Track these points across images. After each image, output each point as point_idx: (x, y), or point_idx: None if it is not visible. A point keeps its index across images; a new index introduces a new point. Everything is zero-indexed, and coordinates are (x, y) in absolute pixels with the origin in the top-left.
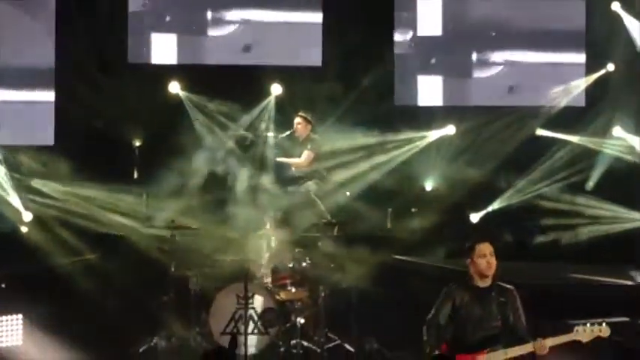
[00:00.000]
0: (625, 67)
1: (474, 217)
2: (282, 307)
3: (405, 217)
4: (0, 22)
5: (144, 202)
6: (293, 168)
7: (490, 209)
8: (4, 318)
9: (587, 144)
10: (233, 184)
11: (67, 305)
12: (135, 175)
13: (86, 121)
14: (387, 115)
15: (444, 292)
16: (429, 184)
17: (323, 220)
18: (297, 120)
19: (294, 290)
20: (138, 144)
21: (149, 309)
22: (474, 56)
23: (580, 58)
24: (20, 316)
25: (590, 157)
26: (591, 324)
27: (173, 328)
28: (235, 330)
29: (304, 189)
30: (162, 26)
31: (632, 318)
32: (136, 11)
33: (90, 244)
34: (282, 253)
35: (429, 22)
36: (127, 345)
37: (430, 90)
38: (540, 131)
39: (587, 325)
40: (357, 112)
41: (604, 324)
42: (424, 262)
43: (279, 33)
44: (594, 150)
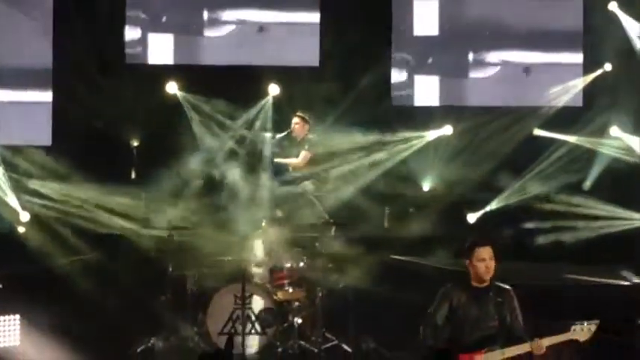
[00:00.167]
0: (622, 67)
1: (471, 218)
2: (279, 308)
3: (403, 217)
4: None
5: (141, 203)
6: (290, 168)
7: (488, 209)
8: (1, 318)
9: (585, 144)
10: (230, 184)
11: (65, 306)
12: (133, 176)
13: (84, 122)
14: (384, 115)
15: (441, 292)
16: (426, 184)
17: (320, 220)
18: (294, 120)
19: (291, 290)
20: (136, 144)
21: (147, 309)
22: (470, 56)
23: (577, 57)
24: (18, 317)
25: (588, 157)
26: (588, 323)
27: (171, 328)
28: (233, 330)
29: (302, 189)
30: (159, 26)
31: (632, 318)
32: (134, 11)
33: (87, 244)
34: (280, 253)
35: (425, 22)
36: (125, 345)
37: (427, 90)
38: (538, 131)
39: (584, 324)
40: (354, 112)
41: (585, 324)
42: (422, 262)
43: (276, 33)
44: (592, 150)
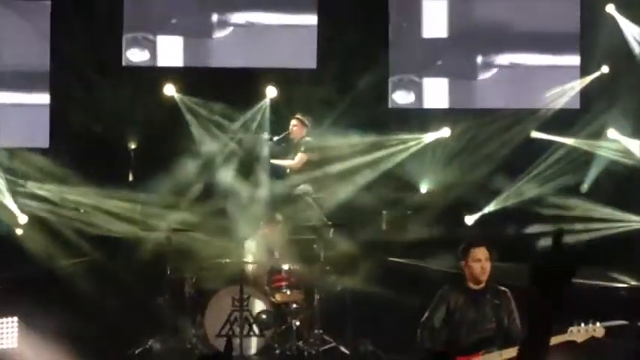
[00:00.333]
0: (620, 69)
1: (468, 220)
2: (277, 310)
3: (400, 219)
4: None
5: (139, 205)
6: (288, 170)
7: (485, 212)
8: None
9: (582, 146)
10: (228, 187)
11: (63, 308)
12: (130, 178)
13: (82, 124)
14: (382, 118)
15: (438, 294)
16: (424, 186)
17: (318, 223)
18: (293, 122)
19: (289, 292)
20: (133, 147)
21: (145, 311)
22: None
23: (575, 60)
24: (16, 319)
25: (585, 159)
26: (585, 324)
27: (169, 330)
28: (231, 332)
29: (299, 191)
30: (160, 29)
31: (632, 320)
32: (133, 13)
33: (85, 246)
34: (278, 255)
35: (427, 24)
36: (123, 347)
37: (425, 92)
38: (535, 134)
39: (582, 326)
40: (351, 114)
41: (598, 324)
42: (419, 264)
43: (274, 35)
44: (589, 152)
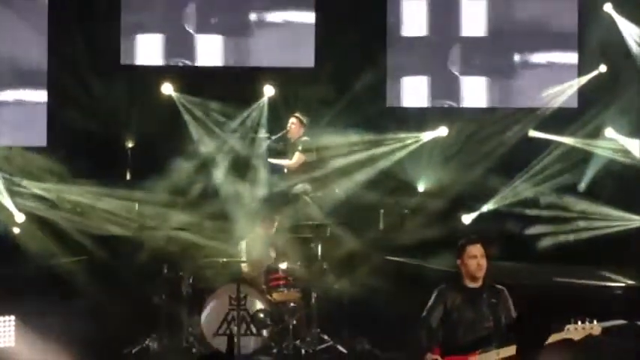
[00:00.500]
0: (617, 69)
1: (466, 219)
2: (274, 309)
3: (398, 218)
4: None
5: (136, 204)
6: (285, 169)
7: (482, 210)
8: None
9: (580, 145)
10: (226, 185)
11: (60, 307)
12: (128, 177)
13: (79, 122)
14: (379, 117)
15: (435, 293)
16: (421, 185)
17: (315, 222)
18: (291, 120)
19: (286, 291)
20: (131, 145)
21: (142, 310)
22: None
23: (572, 59)
24: (13, 318)
25: (583, 158)
26: (582, 322)
27: (166, 329)
28: (228, 331)
29: (297, 190)
30: (156, 27)
31: (629, 320)
32: (129, 12)
33: (82, 245)
34: (275, 254)
35: (416, 23)
36: (120, 346)
37: (421, 91)
38: (533, 133)
39: (579, 324)
40: (349, 113)
41: (595, 322)
42: (416, 263)
43: (271, 34)
44: (587, 151)
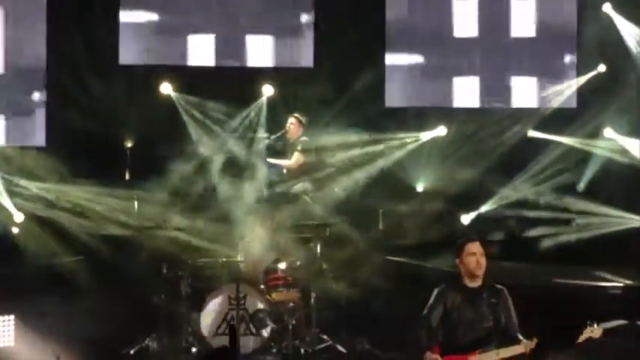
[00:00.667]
0: (616, 68)
1: (465, 219)
2: (273, 308)
3: (397, 218)
4: None
5: (135, 203)
6: (284, 169)
7: (481, 210)
8: None
9: (579, 145)
10: (225, 185)
11: (59, 306)
12: (127, 177)
13: (78, 122)
14: (378, 116)
15: (435, 293)
16: (420, 185)
17: (314, 221)
18: (290, 120)
19: (285, 291)
20: (130, 145)
21: (141, 310)
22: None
23: (572, 59)
24: (12, 317)
25: (582, 158)
26: (584, 325)
27: (165, 329)
28: (227, 331)
29: (297, 190)
30: (154, 27)
31: (631, 320)
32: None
33: (81, 244)
34: (274, 253)
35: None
36: (119, 346)
37: (420, 91)
38: (532, 133)
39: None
40: (348, 113)
41: (595, 325)
42: (416, 263)
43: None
44: (586, 151)
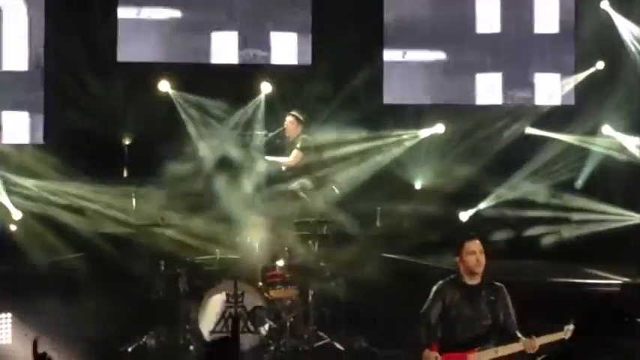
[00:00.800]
0: (614, 66)
1: (463, 216)
2: (271, 306)
3: (395, 215)
4: None
5: (133, 201)
6: (283, 167)
7: (480, 208)
8: None
9: (577, 142)
10: (223, 182)
11: (56, 304)
12: (125, 174)
13: (76, 120)
14: (376, 114)
15: (434, 290)
16: (418, 182)
17: (312, 219)
18: (288, 118)
19: (283, 289)
20: (127, 143)
21: (138, 307)
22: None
23: (569, 56)
24: (9, 315)
25: (580, 155)
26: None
27: (163, 326)
28: (225, 329)
29: (294, 187)
30: (150, 24)
31: (631, 318)
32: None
33: (79, 242)
34: (272, 251)
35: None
36: (117, 344)
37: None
38: (530, 130)
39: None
40: (346, 110)
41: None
42: (414, 260)
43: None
44: (584, 148)
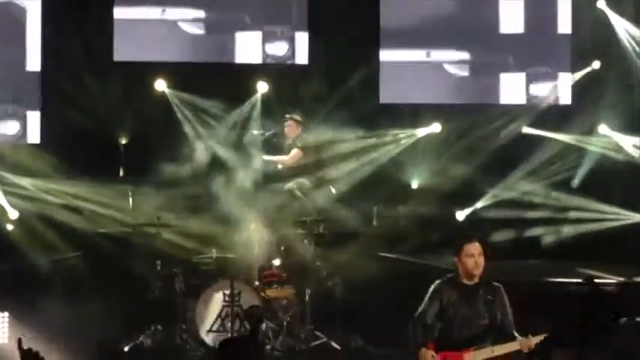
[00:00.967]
0: (611, 65)
1: (460, 215)
2: (268, 305)
3: (391, 214)
4: None
5: (129, 200)
6: (280, 166)
7: (476, 207)
8: None
9: (573, 142)
10: (219, 182)
11: (53, 303)
12: (121, 173)
13: (72, 119)
14: (373, 113)
15: (431, 290)
16: (415, 181)
17: (309, 218)
18: (288, 123)
19: (280, 288)
20: (124, 142)
21: (135, 307)
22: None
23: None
24: (6, 314)
25: (576, 155)
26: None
27: (159, 326)
28: (222, 328)
29: (290, 186)
30: (143, 24)
31: (631, 317)
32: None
33: (75, 241)
34: (268, 250)
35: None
36: (113, 343)
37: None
38: (527, 129)
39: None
40: (343, 110)
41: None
42: (410, 259)
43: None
44: (580, 148)
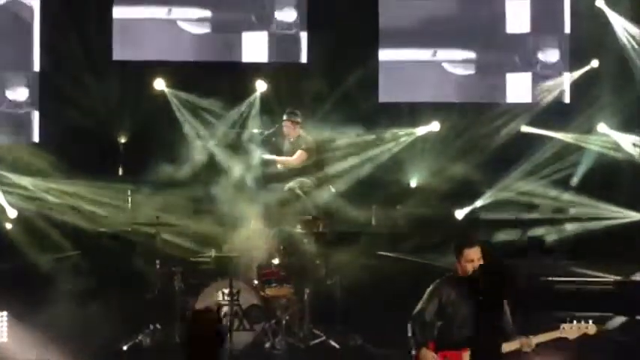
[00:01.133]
0: (609, 64)
1: (459, 214)
2: (267, 304)
3: (390, 213)
4: None
5: (128, 199)
6: (279, 165)
7: (475, 206)
8: None
9: (572, 141)
10: (218, 181)
11: (52, 302)
12: (120, 172)
13: (71, 118)
14: (372, 112)
15: (430, 289)
16: (414, 180)
17: (308, 217)
18: (285, 123)
19: (279, 287)
20: (123, 141)
21: (134, 306)
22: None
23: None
24: (5, 313)
25: (575, 153)
26: (578, 321)
27: (158, 325)
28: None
29: (290, 185)
30: (141, 24)
31: (631, 316)
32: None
33: (74, 241)
34: (268, 249)
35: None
36: (112, 342)
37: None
38: (525, 128)
39: (574, 323)
40: (342, 108)
41: (590, 321)
42: (409, 258)
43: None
44: (579, 146)
